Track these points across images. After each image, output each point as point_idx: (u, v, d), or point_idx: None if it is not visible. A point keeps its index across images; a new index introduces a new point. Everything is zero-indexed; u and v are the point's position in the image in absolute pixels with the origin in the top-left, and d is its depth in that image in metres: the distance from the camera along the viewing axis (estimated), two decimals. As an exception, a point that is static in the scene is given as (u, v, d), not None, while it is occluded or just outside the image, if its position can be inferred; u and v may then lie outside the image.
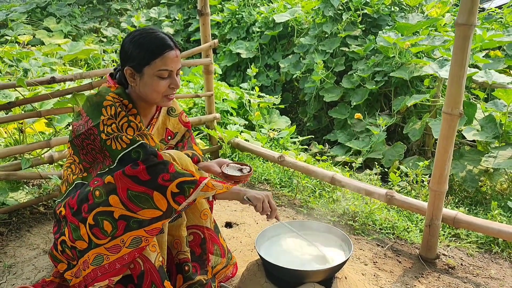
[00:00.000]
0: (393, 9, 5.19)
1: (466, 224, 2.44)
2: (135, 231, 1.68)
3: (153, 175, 1.67)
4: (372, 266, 2.41)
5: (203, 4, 3.43)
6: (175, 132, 2.10)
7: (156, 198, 1.66)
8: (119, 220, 1.66)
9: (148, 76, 1.79)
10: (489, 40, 4.04)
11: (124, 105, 1.84)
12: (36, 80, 2.75)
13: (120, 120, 1.76)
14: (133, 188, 1.66)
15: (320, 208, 3.06)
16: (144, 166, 1.66)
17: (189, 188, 1.69)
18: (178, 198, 1.69)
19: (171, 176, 1.68)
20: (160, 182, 1.67)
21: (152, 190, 1.66)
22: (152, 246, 1.76)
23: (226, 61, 6.34)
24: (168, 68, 1.80)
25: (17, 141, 3.24)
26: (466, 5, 2.01)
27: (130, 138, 1.72)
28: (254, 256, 2.37)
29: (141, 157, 1.69)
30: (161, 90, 1.82)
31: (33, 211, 2.89)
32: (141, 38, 1.79)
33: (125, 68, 1.82)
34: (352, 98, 4.59)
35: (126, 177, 1.66)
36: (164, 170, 1.69)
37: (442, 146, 2.24)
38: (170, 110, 2.08)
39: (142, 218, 1.67)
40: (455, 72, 2.10)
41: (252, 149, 3.66)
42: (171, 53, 1.79)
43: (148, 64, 1.78)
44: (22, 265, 2.37)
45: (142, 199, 1.66)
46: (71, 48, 6.29)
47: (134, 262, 1.74)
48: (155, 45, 1.78)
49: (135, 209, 1.66)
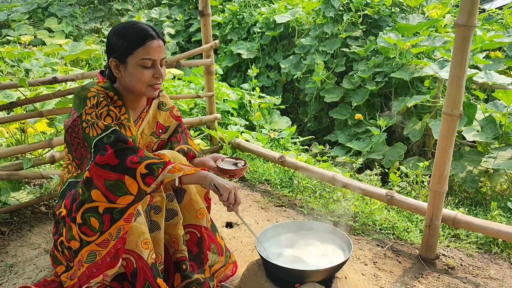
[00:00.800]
0: (393, 10, 5.20)
1: (465, 224, 2.45)
2: (118, 221, 1.68)
3: (122, 157, 1.67)
4: (372, 266, 2.42)
5: (204, 4, 3.44)
6: (166, 126, 2.11)
7: (128, 183, 1.66)
8: (104, 214, 1.67)
9: (132, 66, 1.81)
10: (490, 41, 4.05)
11: (109, 97, 1.87)
12: (38, 80, 2.76)
13: (100, 109, 1.79)
14: (108, 177, 1.66)
15: (321, 209, 3.07)
16: (112, 150, 1.66)
17: (158, 168, 1.69)
18: (148, 179, 1.68)
19: (140, 159, 1.69)
20: (129, 165, 1.67)
21: (123, 174, 1.66)
22: (145, 244, 1.76)
23: (227, 62, 6.35)
24: (151, 57, 1.81)
25: (18, 141, 3.25)
26: (466, 6, 2.01)
27: (105, 124, 1.74)
28: (255, 256, 2.38)
29: (110, 141, 1.70)
30: (145, 79, 1.83)
31: (35, 210, 2.90)
32: (124, 29, 1.82)
33: (109, 60, 1.85)
34: (352, 98, 4.60)
35: (99, 167, 1.67)
36: (133, 154, 1.69)
37: (442, 147, 2.25)
38: (161, 104, 2.09)
39: (121, 207, 1.68)
40: (455, 73, 2.11)
41: (253, 150, 3.66)
42: (153, 42, 1.81)
43: (131, 53, 1.80)
44: (24, 264, 2.38)
45: (117, 187, 1.67)
46: (72, 49, 6.31)
47: (126, 260, 1.74)
48: (137, 35, 1.80)
49: (114, 199, 1.67)
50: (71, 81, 3.20)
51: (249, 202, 3.17)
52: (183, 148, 2.11)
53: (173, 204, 1.92)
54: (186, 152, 2.10)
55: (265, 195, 3.29)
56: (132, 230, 1.73)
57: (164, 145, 2.13)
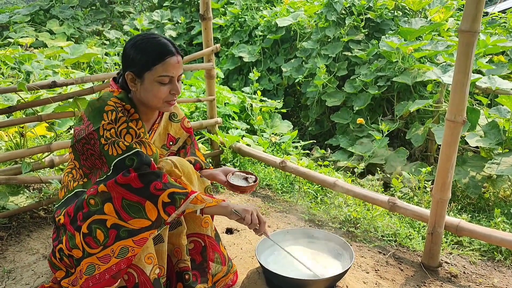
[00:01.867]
0: (396, 14, 5.18)
1: (469, 232, 2.42)
2: (124, 240, 1.66)
3: (146, 183, 1.66)
4: (373, 274, 2.39)
5: (205, 8, 3.42)
6: (177, 138, 2.08)
7: (148, 208, 1.65)
8: (111, 229, 1.65)
9: (149, 81, 1.78)
10: (493, 45, 4.03)
11: (126, 110, 1.82)
12: (37, 84, 2.74)
13: (119, 126, 1.74)
14: (128, 197, 1.64)
15: (322, 215, 3.04)
16: (136, 174, 1.65)
17: (180, 199, 1.68)
18: (169, 209, 1.67)
19: (164, 186, 1.67)
20: (153, 191, 1.65)
21: (145, 199, 1.65)
22: (148, 259, 1.74)
23: (228, 65, 6.33)
24: (169, 74, 1.78)
25: (18, 145, 3.23)
26: (470, 11, 1.99)
27: (127, 145, 1.70)
28: (255, 263, 2.35)
29: (134, 165, 1.67)
30: (161, 96, 1.80)
31: (33, 215, 2.88)
32: (142, 43, 1.78)
33: (126, 73, 1.81)
34: (354, 102, 4.57)
35: (119, 186, 1.64)
36: (157, 179, 1.67)
37: (445, 154, 2.22)
38: (172, 115, 2.07)
39: (131, 228, 1.65)
40: (459, 79, 2.08)
41: (254, 154, 3.64)
42: (172, 59, 1.78)
43: (149, 69, 1.76)
44: (22, 270, 2.36)
45: (134, 209, 1.65)
46: (74, 51, 6.30)
47: (128, 274, 1.72)
48: (157, 51, 1.76)
49: (126, 218, 1.65)
50: (71, 85, 3.17)
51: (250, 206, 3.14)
52: (190, 160, 2.08)
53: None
54: (193, 163, 2.08)
55: (266, 201, 3.26)
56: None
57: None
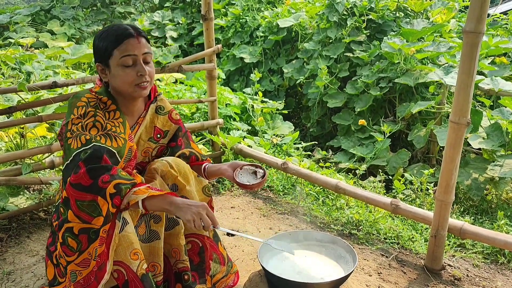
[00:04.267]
0: (398, 15, 5.16)
1: (472, 235, 2.40)
2: (95, 241, 1.61)
3: (95, 178, 1.60)
4: (376, 277, 2.37)
5: (207, 9, 3.40)
6: (165, 131, 2.03)
7: (101, 203, 1.59)
8: (79, 234, 1.60)
9: (114, 67, 1.77)
10: (495, 47, 4.01)
11: (103, 102, 1.82)
12: (38, 84, 2.72)
13: (87, 120, 1.73)
14: (82, 198, 1.59)
15: (324, 217, 3.02)
16: (85, 169, 1.59)
17: (126, 188, 1.61)
18: (115, 200, 1.60)
19: (111, 177, 1.60)
20: (100, 185, 1.59)
21: (96, 195, 1.59)
22: (134, 254, 1.69)
23: (229, 66, 6.31)
24: (130, 53, 1.76)
25: (18, 146, 3.21)
26: (474, 12, 1.97)
27: (87, 138, 1.68)
28: (257, 266, 2.33)
29: (85, 157, 1.63)
30: (129, 79, 1.78)
31: (33, 216, 2.87)
32: (104, 32, 1.79)
33: (96, 65, 1.81)
34: (356, 104, 4.55)
35: (72, 187, 1.60)
36: (106, 173, 1.61)
37: (448, 156, 2.20)
38: (159, 108, 2.03)
39: (96, 228, 1.60)
40: (463, 80, 2.06)
41: (255, 155, 3.62)
42: (131, 40, 1.76)
43: (111, 55, 1.76)
44: (21, 272, 2.34)
45: (92, 208, 1.59)
46: (74, 51, 6.29)
47: (117, 271, 1.68)
48: (116, 35, 1.76)
49: (89, 219, 1.59)
50: (71, 85, 3.15)
51: (251, 209, 3.13)
52: (185, 153, 2.04)
53: None
54: (188, 156, 2.05)
55: (267, 202, 3.25)
56: (120, 241, 1.67)
57: (164, 150, 2.06)
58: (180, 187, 1.90)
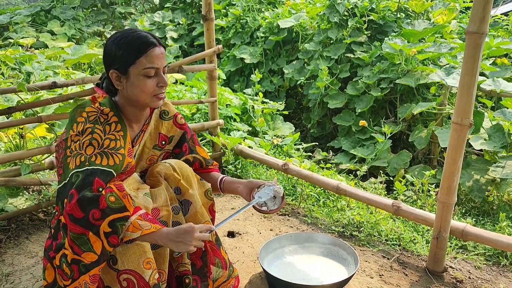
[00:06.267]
0: (399, 16, 5.15)
1: (474, 237, 2.38)
2: (84, 275, 1.58)
3: (85, 211, 1.55)
4: (378, 279, 2.35)
5: (208, 9, 3.39)
6: (170, 136, 2.00)
7: (92, 240, 1.55)
8: (72, 264, 1.58)
9: (134, 76, 1.73)
10: (496, 48, 3.99)
11: (104, 114, 1.76)
12: (37, 84, 2.70)
13: (84, 137, 1.68)
14: (74, 230, 1.55)
15: (325, 218, 3.00)
16: (75, 200, 1.55)
17: (122, 225, 1.58)
18: (111, 239, 1.56)
19: (102, 214, 1.55)
20: (92, 221, 1.54)
21: (88, 230, 1.55)
22: (147, 264, 1.67)
23: (230, 66, 6.30)
24: (154, 65, 1.73)
25: (17, 147, 3.20)
26: (477, 13, 1.96)
27: (82, 160, 1.63)
28: (257, 268, 2.32)
29: (76, 183, 1.58)
30: (149, 89, 1.75)
31: (33, 217, 2.85)
32: (123, 38, 1.74)
33: (110, 72, 1.76)
34: (357, 105, 4.54)
35: (67, 216, 1.56)
36: (94, 208, 1.55)
37: (450, 157, 2.18)
38: (163, 113, 1.99)
39: (86, 262, 1.57)
40: (466, 81, 2.04)
41: (256, 156, 3.60)
42: (155, 49, 1.74)
43: (133, 63, 1.72)
44: (20, 273, 2.33)
45: (81, 241, 1.55)
46: (74, 52, 6.27)
47: (127, 280, 1.65)
48: (138, 43, 1.72)
49: (79, 252, 1.56)
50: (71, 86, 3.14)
51: (252, 210, 3.11)
52: (188, 159, 2.02)
53: (179, 217, 1.85)
54: (191, 162, 2.03)
55: (268, 203, 3.23)
56: (133, 249, 1.65)
57: (169, 157, 2.03)
58: (183, 191, 1.88)
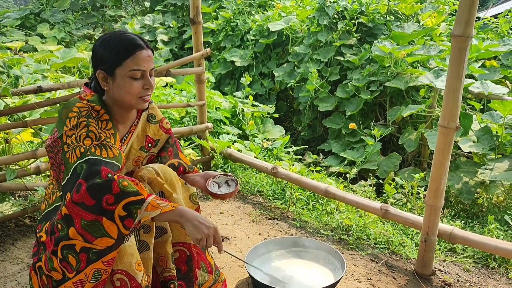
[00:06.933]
0: (388, 18, 5.16)
1: (462, 240, 2.38)
2: (95, 263, 1.58)
3: (97, 198, 1.55)
4: (366, 283, 2.34)
5: (195, 12, 3.37)
6: (156, 140, 2.02)
7: (106, 225, 1.55)
8: (80, 253, 1.57)
9: (121, 77, 1.74)
10: (485, 50, 4.01)
11: (95, 111, 1.78)
12: (22, 89, 2.67)
13: (80, 130, 1.69)
14: (85, 217, 1.55)
15: (313, 222, 2.99)
16: (85, 189, 1.55)
17: (136, 209, 1.58)
18: (127, 222, 1.57)
19: (115, 198, 1.56)
20: (105, 207, 1.55)
21: (101, 216, 1.55)
22: (138, 265, 1.67)
23: (220, 69, 6.29)
24: (141, 67, 1.74)
25: (2, 151, 3.16)
26: (462, 16, 1.96)
27: (82, 151, 1.63)
28: (244, 272, 2.30)
29: (82, 173, 1.59)
30: (135, 91, 1.76)
31: (18, 223, 2.81)
32: (111, 40, 1.75)
33: (97, 72, 1.77)
34: (346, 107, 4.54)
35: (75, 205, 1.56)
36: (107, 193, 1.56)
37: (438, 160, 2.18)
38: (150, 117, 2.01)
39: (98, 249, 1.57)
40: (451, 84, 2.05)
41: (245, 160, 3.59)
42: (142, 52, 1.74)
43: (119, 65, 1.72)
44: (5, 280, 2.29)
45: (94, 228, 1.56)
46: (64, 55, 6.21)
47: (121, 280, 1.65)
48: (126, 45, 1.73)
49: (91, 239, 1.56)
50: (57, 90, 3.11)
51: (241, 215, 3.09)
52: (173, 163, 2.03)
53: (163, 222, 1.84)
54: (176, 166, 2.02)
55: (257, 207, 3.21)
56: (125, 250, 1.64)
57: (154, 159, 2.04)
58: (167, 195, 1.86)
